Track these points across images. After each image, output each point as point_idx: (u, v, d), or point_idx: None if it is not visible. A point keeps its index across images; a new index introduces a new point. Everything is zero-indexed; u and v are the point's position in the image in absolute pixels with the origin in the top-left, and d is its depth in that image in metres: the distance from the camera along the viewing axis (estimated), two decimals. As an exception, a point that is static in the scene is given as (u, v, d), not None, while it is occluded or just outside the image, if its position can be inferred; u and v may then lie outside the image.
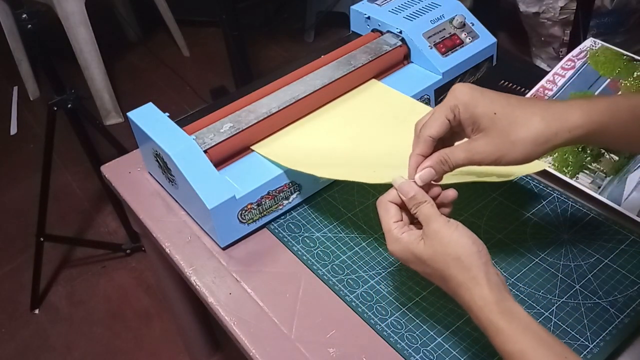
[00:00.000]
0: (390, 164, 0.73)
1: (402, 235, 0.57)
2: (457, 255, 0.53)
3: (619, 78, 0.86)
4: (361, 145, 0.81)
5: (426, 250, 0.55)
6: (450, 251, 0.53)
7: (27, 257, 1.66)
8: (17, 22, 1.31)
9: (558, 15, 1.82)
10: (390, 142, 0.82)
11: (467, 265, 0.52)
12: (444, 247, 0.54)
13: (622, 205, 0.74)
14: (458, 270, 0.53)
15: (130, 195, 0.87)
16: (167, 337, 1.48)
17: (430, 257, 0.54)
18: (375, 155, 0.79)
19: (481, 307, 0.51)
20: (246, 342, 0.66)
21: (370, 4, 1.01)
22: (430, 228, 0.55)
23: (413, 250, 0.55)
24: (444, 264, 0.53)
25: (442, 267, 0.54)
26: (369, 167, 0.75)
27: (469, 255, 0.53)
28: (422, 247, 0.55)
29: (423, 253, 0.55)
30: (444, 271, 0.54)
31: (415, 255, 0.55)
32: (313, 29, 2.49)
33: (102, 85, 2.16)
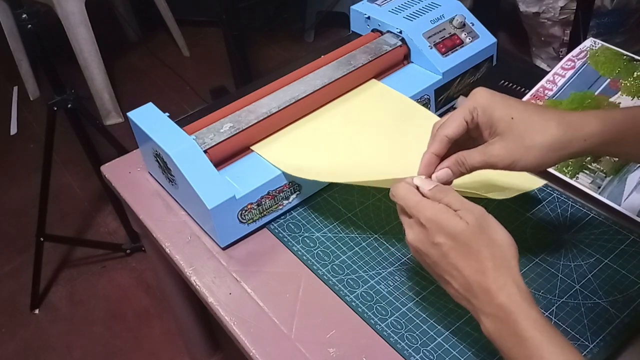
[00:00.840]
0: (391, 171, 0.74)
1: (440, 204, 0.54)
2: (501, 242, 0.52)
3: (619, 78, 0.86)
4: (360, 149, 0.81)
5: (469, 228, 0.52)
6: (496, 236, 0.52)
7: (27, 257, 1.66)
8: (17, 22, 1.31)
9: (558, 15, 1.82)
10: (390, 146, 0.83)
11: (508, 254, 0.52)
12: (491, 230, 0.52)
13: (622, 205, 0.74)
14: (500, 254, 0.51)
15: (130, 195, 0.87)
16: (167, 337, 1.48)
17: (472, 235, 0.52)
18: (376, 161, 0.80)
19: (516, 292, 0.50)
20: (246, 342, 0.66)
21: (370, 4, 1.01)
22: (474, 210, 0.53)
23: (453, 221, 0.52)
24: (486, 245, 0.51)
25: (481, 247, 0.51)
26: (370, 174, 0.75)
27: (510, 245, 0.52)
28: (463, 224, 0.52)
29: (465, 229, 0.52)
30: (482, 252, 0.51)
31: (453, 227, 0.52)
32: (313, 29, 2.49)
33: (102, 85, 2.16)
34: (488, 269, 0.51)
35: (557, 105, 0.84)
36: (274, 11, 2.67)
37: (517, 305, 0.50)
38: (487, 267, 0.51)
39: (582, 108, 0.83)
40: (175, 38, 2.50)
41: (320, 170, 0.77)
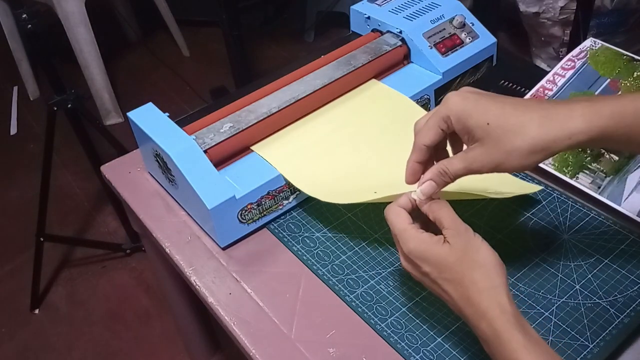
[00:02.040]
0: (390, 181, 0.75)
1: (423, 234, 0.55)
2: (484, 263, 0.53)
3: (619, 78, 0.86)
4: (360, 152, 0.81)
5: (452, 253, 0.53)
6: (478, 258, 0.53)
7: (27, 257, 1.66)
8: (17, 22, 1.32)
9: (558, 15, 1.82)
10: (389, 149, 0.83)
11: (492, 275, 0.52)
12: (473, 252, 0.53)
13: (622, 205, 0.74)
14: (482, 277, 0.52)
15: (130, 195, 0.87)
16: (167, 337, 1.48)
17: (455, 260, 0.53)
18: (376, 168, 0.80)
19: (498, 315, 0.50)
20: (246, 342, 0.66)
21: (370, 4, 1.01)
22: (460, 231, 0.54)
23: (434, 251, 0.54)
24: (469, 268, 0.52)
25: (465, 272, 0.52)
26: (370, 186, 0.76)
27: (494, 265, 0.53)
28: (446, 249, 0.53)
29: (447, 255, 0.53)
30: (466, 276, 0.52)
31: (435, 257, 0.54)
32: (313, 29, 2.49)
33: (102, 85, 2.16)
34: (472, 294, 0.52)
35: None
36: (274, 11, 2.67)
37: (501, 329, 0.50)
38: (471, 292, 0.52)
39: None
40: (175, 38, 2.50)
41: (320, 185, 0.77)
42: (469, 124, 0.54)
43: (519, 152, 0.52)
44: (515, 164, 0.53)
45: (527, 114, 0.52)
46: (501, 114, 0.53)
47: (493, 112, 0.53)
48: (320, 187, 0.77)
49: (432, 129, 0.56)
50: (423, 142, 0.57)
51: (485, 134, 0.53)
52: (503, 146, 0.52)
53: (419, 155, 0.58)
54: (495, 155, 0.53)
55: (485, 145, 0.53)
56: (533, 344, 0.49)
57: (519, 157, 0.52)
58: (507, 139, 0.52)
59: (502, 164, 0.53)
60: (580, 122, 0.51)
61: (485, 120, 0.53)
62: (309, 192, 0.76)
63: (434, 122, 0.56)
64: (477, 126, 0.53)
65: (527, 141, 0.51)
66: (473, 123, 0.53)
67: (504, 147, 0.52)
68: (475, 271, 0.52)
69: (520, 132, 0.52)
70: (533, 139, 0.51)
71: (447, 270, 0.53)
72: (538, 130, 0.51)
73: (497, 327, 0.50)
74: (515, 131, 0.52)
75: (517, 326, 0.50)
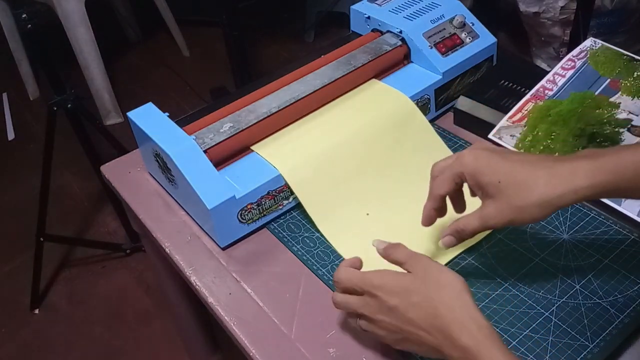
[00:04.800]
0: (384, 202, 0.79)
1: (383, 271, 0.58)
2: (449, 283, 0.55)
3: (619, 78, 0.86)
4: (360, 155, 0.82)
5: (415, 278, 0.56)
6: (442, 279, 0.55)
7: (27, 257, 1.66)
8: (17, 22, 1.32)
9: (558, 15, 1.82)
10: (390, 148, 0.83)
11: (460, 293, 0.54)
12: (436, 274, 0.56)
13: (622, 205, 0.74)
14: (450, 295, 0.54)
15: (130, 195, 0.87)
16: (167, 337, 1.49)
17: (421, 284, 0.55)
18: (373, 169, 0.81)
19: (477, 330, 0.51)
20: (246, 342, 0.66)
21: (370, 4, 1.01)
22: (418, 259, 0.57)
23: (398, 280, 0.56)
24: (435, 289, 0.54)
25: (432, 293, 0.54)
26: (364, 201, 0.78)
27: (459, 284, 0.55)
28: (409, 277, 0.56)
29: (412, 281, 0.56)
30: (435, 296, 0.54)
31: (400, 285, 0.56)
32: (313, 29, 2.49)
33: (102, 85, 2.16)
34: (443, 312, 0.53)
35: (557, 105, 0.84)
36: (274, 11, 2.67)
37: (481, 345, 0.51)
38: (442, 310, 0.53)
39: (582, 108, 0.83)
40: (175, 38, 2.50)
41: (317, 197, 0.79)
42: (482, 182, 0.58)
43: (529, 208, 0.55)
44: (527, 217, 0.56)
45: (535, 171, 0.56)
46: (511, 172, 0.56)
47: (503, 171, 0.57)
48: (315, 198, 0.78)
49: (447, 181, 0.61)
50: (439, 192, 0.62)
51: (497, 191, 0.57)
52: (514, 202, 0.56)
53: (434, 203, 0.63)
54: (508, 212, 0.56)
55: (497, 202, 0.57)
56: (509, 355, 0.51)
57: (531, 212, 0.55)
58: (518, 196, 0.56)
59: (515, 219, 0.57)
60: (584, 179, 0.54)
61: (497, 178, 0.57)
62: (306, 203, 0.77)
63: (449, 175, 0.61)
64: (489, 184, 0.57)
65: (536, 198, 0.55)
66: (486, 180, 0.57)
67: (515, 203, 0.56)
68: (443, 289, 0.54)
69: (529, 190, 0.55)
70: (541, 196, 0.55)
71: (414, 294, 0.55)
72: (545, 187, 0.55)
73: (477, 342, 0.51)
74: (524, 188, 0.55)
75: (496, 340, 0.51)
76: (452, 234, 0.62)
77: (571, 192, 0.54)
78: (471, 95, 0.91)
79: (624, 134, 0.79)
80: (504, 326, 0.64)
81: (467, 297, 0.54)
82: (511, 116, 0.85)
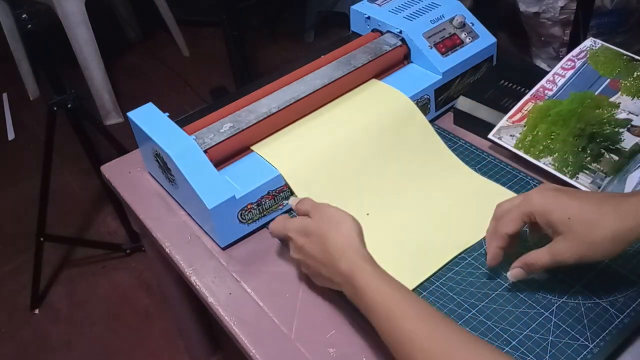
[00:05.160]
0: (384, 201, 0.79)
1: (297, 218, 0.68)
2: (339, 220, 0.64)
3: (619, 78, 0.86)
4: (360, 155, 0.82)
5: (313, 220, 0.65)
6: (333, 219, 0.64)
7: (27, 257, 1.66)
8: (17, 22, 1.32)
9: (558, 15, 1.82)
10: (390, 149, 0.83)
11: (346, 228, 0.63)
12: (328, 215, 0.65)
13: (622, 205, 0.74)
14: (338, 231, 0.63)
15: (130, 195, 0.87)
16: (167, 337, 1.49)
17: (317, 225, 0.64)
18: (374, 169, 0.81)
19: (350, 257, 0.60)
20: (246, 342, 0.66)
21: (370, 4, 1.01)
22: (318, 207, 0.67)
23: (304, 222, 0.66)
24: (328, 229, 0.63)
25: (324, 231, 0.63)
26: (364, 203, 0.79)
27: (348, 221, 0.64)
28: (308, 220, 0.66)
29: (310, 223, 0.65)
30: (326, 234, 0.63)
31: (303, 226, 0.66)
32: (313, 29, 2.49)
33: (102, 85, 2.16)
34: (331, 247, 0.62)
35: (557, 105, 0.84)
36: (274, 11, 2.67)
37: (355, 267, 0.60)
38: (331, 245, 0.62)
39: (582, 108, 0.83)
40: (175, 38, 2.50)
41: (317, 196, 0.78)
42: (551, 220, 0.60)
43: (601, 243, 0.57)
44: (599, 253, 0.58)
45: (603, 207, 0.58)
46: (580, 209, 0.59)
47: (573, 208, 0.59)
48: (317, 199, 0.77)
49: (514, 221, 0.63)
50: (506, 231, 0.64)
51: (567, 228, 0.58)
52: (586, 238, 0.58)
53: (501, 243, 0.65)
54: (580, 248, 0.58)
55: (568, 239, 0.59)
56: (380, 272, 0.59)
57: (602, 247, 0.57)
58: (589, 232, 0.57)
59: (585, 255, 0.58)
60: None
61: (567, 215, 0.59)
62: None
63: (517, 215, 0.63)
64: (559, 221, 0.59)
65: (608, 232, 0.57)
66: (556, 218, 0.59)
67: (586, 239, 0.58)
68: (334, 228, 0.63)
69: (599, 225, 0.57)
70: (612, 230, 0.57)
71: (313, 233, 0.64)
72: (614, 222, 0.57)
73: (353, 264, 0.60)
74: (594, 224, 0.57)
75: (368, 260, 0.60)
76: (522, 267, 0.64)
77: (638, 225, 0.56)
78: (471, 95, 0.91)
79: (624, 134, 0.80)
80: (504, 326, 0.64)
81: (353, 232, 0.63)
82: (511, 116, 0.85)
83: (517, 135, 0.83)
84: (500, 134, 0.84)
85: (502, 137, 0.84)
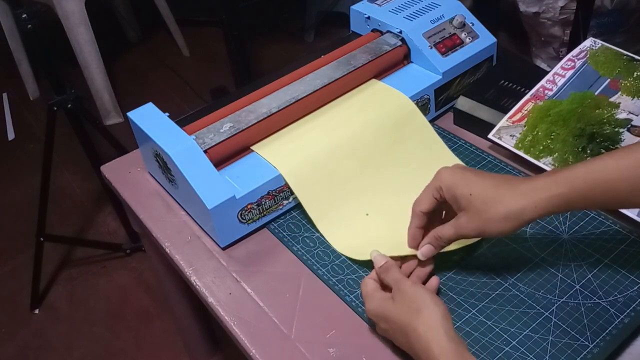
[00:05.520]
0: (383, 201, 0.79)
1: (375, 293, 0.64)
2: (418, 308, 0.59)
3: (619, 78, 0.86)
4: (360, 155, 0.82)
5: (395, 307, 0.61)
6: (413, 305, 0.59)
7: (27, 257, 1.66)
8: (17, 22, 1.32)
9: (558, 15, 1.82)
10: (389, 149, 0.83)
11: (427, 318, 0.58)
12: (408, 301, 0.60)
13: (622, 205, 0.74)
14: (419, 323, 0.58)
15: (130, 195, 0.87)
16: (167, 337, 1.48)
17: (397, 312, 0.60)
18: (374, 170, 0.81)
19: (438, 355, 0.55)
20: (246, 342, 0.66)
21: (370, 4, 1.01)
22: (399, 287, 0.62)
23: (384, 308, 0.62)
24: (408, 317, 0.59)
25: (406, 321, 0.59)
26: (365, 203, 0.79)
27: (428, 306, 0.59)
28: (390, 304, 0.61)
29: (391, 309, 0.61)
30: (407, 325, 0.59)
31: (384, 311, 0.62)
32: (313, 29, 2.49)
33: (102, 85, 2.16)
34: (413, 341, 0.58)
35: (557, 105, 0.84)
36: (274, 11, 2.67)
37: None
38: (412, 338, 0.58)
39: (582, 108, 0.83)
40: (175, 38, 2.50)
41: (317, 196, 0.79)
42: (456, 194, 0.63)
43: (496, 220, 0.60)
44: (494, 229, 0.61)
45: (502, 187, 0.61)
46: (481, 187, 0.62)
47: (475, 186, 0.62)
48: (315, 199, 0.78)
49: (426, 197, 0.66)
50: (420, 209, 0.67)
51: (469, 204, 0.62)
52: (483, 214, 0.61)
53: (417, 222, 0.67)
54: (478, 223, 0.61)
55: (469, 213, 0.62)
56: None
57: (497, 224, 0.60)
58: (487, 208, 0.61)
59: (483, 231, 0.62)
60: (541, 193, 0.59)
61: (469, 191, 0.62)
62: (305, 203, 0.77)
63: (429, 191, 0.66)
64: (462, 196, 0.62)
65: (501, 211, 0.60)
66: (459, 193, 0.62)
67: (484, 214, 0.61)
68: (413, 318, 0.59)
69: (495, 203, 0.60)
70: (506, 209, 0.60)
71: (393, 322, 0.61)
72: (509, 201, 0.60)
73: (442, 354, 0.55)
74: (491, 203, 0.61)
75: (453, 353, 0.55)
76: (431, 242, 0.67)
77: (531, 205, 0.59)
78: (471, 95, 0.91)
79: (624, 134, 0.80)
80: (504, 326, 0.64)
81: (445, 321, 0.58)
82: (511, 116, 0.85)
83: (517, 135, 0.83)
84: (500, 134, 0.84)
85: (502, 137, 0.84)
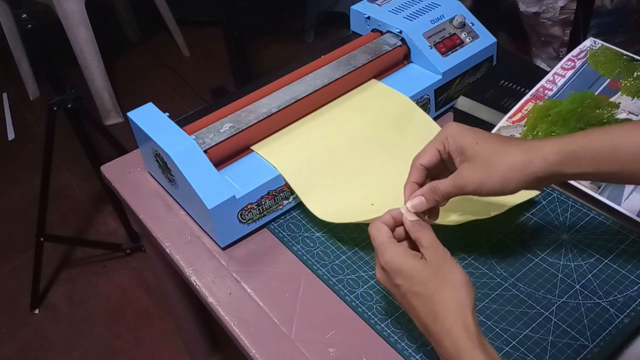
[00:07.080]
0: (388, 190, 0.76)
1: (400, 247, 0.58)
2: (455, 282, 0.55)
3: (619, 78, 0.86)
4: (360, 155, 0.82)
5: (426, 268, 0.56)
6: (450, 277, 0.55)
7: (27, 257, 1.66)
8: (17, 22, 1.32)
9: (558, 15, 1.82)
10: (389, 149, 0.83)
11: (461, 294, 0.54)
12: (447, 271, 0.56)
13: (622, 205, 0.74)
14: (451, 296, 0.54)
15: (130, 195, 0.87)
16: (167, 337, 1.49)
17: (429, 276, 0.55)
18: (375, 169, 0.81)
19: (462, 334, 0.52)
20: (246, 342, 0.66)
21: (370, 4, 1.01)
22: (438, 251, 0.57)
23: (409, 263, 0.56)
24: (440, 285, 0.55)
25: (436, 288, 0.55)
26: (367, 195, 0.78)
27: (464, 285, 0.55)
28: (421, 264, 0.56)
29: (421, 270, 0.56)
30: (436, 293, 0.55)
31: (409, 269, 0.56)
32: (313, 29, 2.49)
33: (102, 85, 2.16)
34: (439, 313, 0.54)
35: (557, 105, 0.84)
36: (274, 11, 2.67)
37: (464, 348, 0.52)
38: (438, 310, 0.54)
39: (582, 108, 0.83)
40: (175, 38, 2.50)
41: (318, 194, 0.78)
42: (463, 144, 0.60)
43: (500, 170, 0.58)
44: (496, 180, 0.58)
45: (508, 142, 0.60)
46: (489, 137, 0.61)
47: (482, 136, 0.61)
48: (317, 196, 0.78)
49: (430, 149, 0.63)
50: (420, 162, 0.63)
51: (474, 153, 0.60)
52: (487, 164, 0.59)
53: (416, 175, 0.63)
54: (480, 173, 0.59)
55: (473, 163, 0.60)
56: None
57: (500, 174, 0.58)
58: (492, 158, 0.59)
59: (484, 182, 0.59)
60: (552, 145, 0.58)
61: (476, 141, 0.60)
62: (307, 202, 0.77)
63: (432, 144, 0.63)
64: (468, 146, 0.60)
65: (508, 159, 0.58)
66: (466, 143, 0.60)
67: (488, 165, 0.59)
68: (445, 289, 0.55)
69: (502, 153, 0.59)
70: (513, 158, 0.58)
71: (419, 284, 0.56)
72: (516, 152, 0.59)
73: (460, 345, 0.52)
74: (498, 153, 0.59)
75: (479, 346, 0.52)
76: (424, 195, 0.61)
77: (539, 157, 0.57)
78: (471, 95, 0.91)
79: (624, 134, 0.79)
80: (504, 326, 0.64)
81: (466, 300, 0.54)
82: (511, 116, 0.85)
83: (517, 135, 0.83)
84: (501, 134, 0.84)
85: (502, 137, 0.84)
